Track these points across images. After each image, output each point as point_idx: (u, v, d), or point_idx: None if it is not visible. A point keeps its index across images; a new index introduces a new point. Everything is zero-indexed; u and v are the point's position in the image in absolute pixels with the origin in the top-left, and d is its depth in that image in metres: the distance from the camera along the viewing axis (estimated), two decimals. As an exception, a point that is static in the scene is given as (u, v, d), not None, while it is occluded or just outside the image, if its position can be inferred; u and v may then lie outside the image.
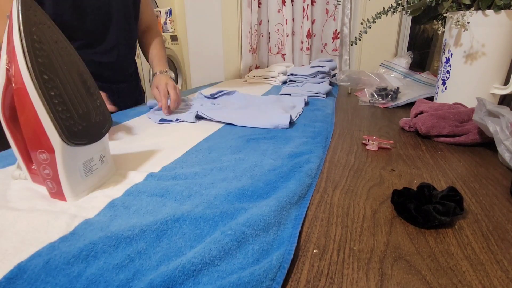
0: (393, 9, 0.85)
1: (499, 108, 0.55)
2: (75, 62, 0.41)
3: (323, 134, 0.68)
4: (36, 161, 0.39)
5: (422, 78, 1.23)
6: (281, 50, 1.98)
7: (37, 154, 0.38)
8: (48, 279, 0.27)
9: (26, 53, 0.34)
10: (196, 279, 0.27)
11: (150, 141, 0.64)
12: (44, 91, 0.35)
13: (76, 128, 0.38)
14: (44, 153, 0.38)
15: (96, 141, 0.42)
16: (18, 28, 0.34)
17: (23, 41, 0.34)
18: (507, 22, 0.71)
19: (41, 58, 0.35)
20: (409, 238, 0.34)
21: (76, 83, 0.40)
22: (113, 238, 0.31)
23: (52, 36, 0.38)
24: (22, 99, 0.35)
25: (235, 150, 0.58)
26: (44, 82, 0.35)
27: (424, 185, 0.40)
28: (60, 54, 0.38)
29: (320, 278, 0.29)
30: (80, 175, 0.41)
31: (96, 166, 0.43)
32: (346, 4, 1.77)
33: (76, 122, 0.39)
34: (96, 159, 0.43)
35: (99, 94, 0.45)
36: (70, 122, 0.38)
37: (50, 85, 0.36)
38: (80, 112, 0.40)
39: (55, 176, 0.39)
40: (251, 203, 0.39)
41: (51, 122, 0.36)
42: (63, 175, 0.38)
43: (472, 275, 0.29)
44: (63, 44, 0.39)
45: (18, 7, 0.34)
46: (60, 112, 0.37)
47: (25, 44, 0.34)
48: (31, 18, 0.35)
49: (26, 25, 0.34)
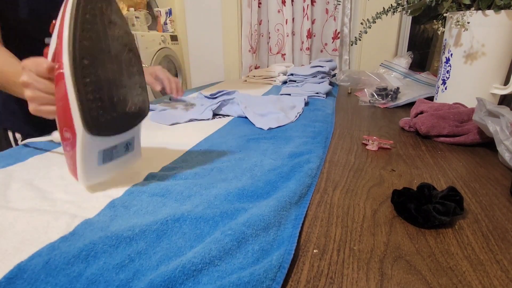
0: (393, 9, 0.85)
1: (499, 108, 0.55)
2: (125, 46, 0.38)
3: (323, 134, 0.68)
4: (61, 136, 0.39)
5: (422, 78, 1.23)
6: (281, 50, 1.98)
7: (63, 131, 0.38)
8: (48, 279, 0.27)
9: (72, 33, 0.32)
10: (196, 279, 0.27)
11: (150, 141, 0.64)
12: (79, 78, 0.34)
13: (103, 118, 0.37)
14: (68, 132, 0.37)
15: (124, 131, 0.40)
16: (71, 5, 0.33)
17: (72, 20, 0.32)
18: (507, 22, 0.71)
19: (87, 40, 0.34)
20: (409, 238, 0.34)
21: (121, 67, 0.37)
22: (113, 238, 0.31)
23: (109, 15, 0.35)
24: (58, 78, 0.35)
25: (235, 150, 0.58)
26: (82, 68, 0.34)
27: (424, 185, 0.40)
28: (112, 37, 0.36)
29: (320, 278, 0.29)
30: (98, 161, 0.40)
31: (118, 154, 0.42)
32: (346, 4, 1.77)
33: (106, 112, 0.37)
34: (120, 146, 0.42)
35: (144, 82, 0.42)
36: (99, 111, 0.36)
37: (88, 71, 0.34)
38: (114, 101, 0.37)
39: (73, 156, 0.39)
40: (251, 203, 0.39)
41: (78, 110, 0.35)
42: (80, 158, 0.38)
43: (472, 275, 0.29)
44: (119, 25, 0.37)
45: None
46: (91, 101, 0.35)
47: (72, 24, 0.32)
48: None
49: (81, 2, 0.33)
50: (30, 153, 0.56)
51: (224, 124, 0.76)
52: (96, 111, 0.36)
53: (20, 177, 0.46)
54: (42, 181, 0.45)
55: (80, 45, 0.33)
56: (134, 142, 0.45)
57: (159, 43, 1.99)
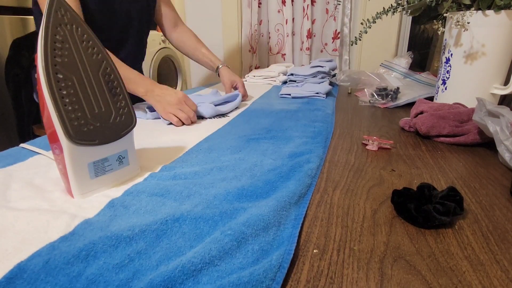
0: (393, 9, 0.85)
1: (499, 108, 0.55)
2: (102, 62, 0.41)
3: (323, 134, 0.68)
4: (53, 154, 0.41)
5: (422, 78, 1.22)
6: (281, 50, 1.98)
7: (53, 148, 0.40)
8: (48, 278, 0.27)
9: (43, 52, 0.36)
10: (196, 279, 0.27)
11: (150, 141, 0.64)
12: (54, 89, 0.36)
13: (86, 128, 0.39)
14: (57, 148, 0.39)
15: (110, 142, 0.42)
16: (42, 27, 0.36)
17: (43, 40, 0.36)
18: (507, 22, 0.71)
19: (60, 57, 0.37)
20: (409, 238, 0.34)
21: (97, 82, 0.41)
22: (113, 238, 0.31)
23: (81, 36, 0.39)
24: (41, 95, 0.37)
25: (235, 150, 0.58)
26: (57, 81, 0.37)
27: (424, 185, 0.40)
28: (86, 54, 0.39)
29: (320, 278, 0.29)
30: (90, 174, 0.41)
31: (111, 167, 0.43)
32: (346, 4, 1.77)
33: (87, 122, 0.39)
34: (112, 159, 0.43)
35: (126, 96, 0.44)
36: (80, 121, 0.39)
37: (64, 84, 0.37)
38: (95, 112, 0.40)
39: (65, 172, 0.40)
40: (250, 203, 0.39)
41: (58, 121, 0.37)
42: (71, 172, 0.39)
43: (472, 275, 0.29)
44: (92, 45, 0.40)
45: (47, 7, 0.36)
46: (69, 111, 0.38)
47: (43, 43, 0.36)
48: (58, 18, 0.37)
49: (50, 24, 0.36)
50: (30, 153, 0.56)
51: (224, 124, 0.76)
52: (77, 121, 0.38)
53: (20, 177, 0.46)
54: (42, 181, 0.45)
55: (53, 61, 0.36)
56: (128, 156, 0.46)
57: (159, 43, 1.99)
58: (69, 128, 0.37)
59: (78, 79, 0.39)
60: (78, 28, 0.39)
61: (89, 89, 0.40)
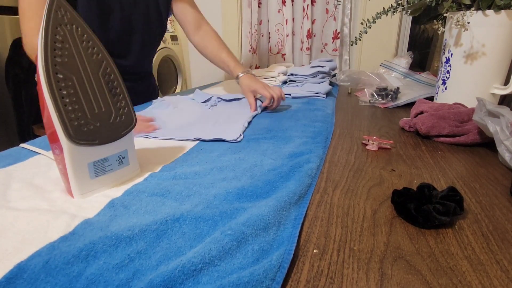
0: (393, 9, 0.85)
1: (499, 108, 0.55)
2: (101, 62, 0.41)
3: (323, 134, 0.68)
4: (53, 154, 0.41)
5: (422, 78, 1.23)
6: (281, 50, 1.98)
7: (53, 148, 0.40)
8: (48, 278, 0.27)
9: (43, 51, 0.36)
10: (196, 279, 0.27)
11: (149, 141, 0.64)
12: (53, 89, 0.36)
13: (85, 128, 0.39)
14: (57, 148, 0.39)
15: (110, 142, 0.42)
16: (42, 27, 0.36)
17: (43, 40, 0.36)
18: (507, 22, 0.71)
19: (60, 57, 0.37)
20: (409, 238, 0.34)
21: (97, 82, 0.41)
22: (113, 238, 0.31)
23: (81, 36, 0.39)
24: (41, 95, 0.37)
25: (235, 150, 0.58)
26: (57, 81, 0.37)
27: (424, 185, 0.40)
28: (86, 54, 0.40)
29: (320, 278, 0.29)
30: (90, 174, 0.41)
31: (111, 167, 0.43)
32: (346, 4, 1.77)
33: (87, 122, 0.39)
34: (112, 159, 0.43)
35: (126, 96, 0.45)
36: (80, 121, 0.39)
37: (64, 84, 0.37)
38: (95, 112, 0.40)
39: (65, 172, 0.40)
40: (250, 203, 0.39)
41: (58, 120, 0.37)
42: (71, 172, 0.40)
43: (472, 275, 0.29)
44: (92, 45, 0.40)
45: (47, 7, 0.36)
46: (69, 111, 0.38)
47: (43, 43, 0.36)
48: (57, 18, 0.37)
49: (49, 24, 0.36)
50: (30, 153, 0.56)
51: (224, 124, 0.76)
52: (77, 121, 0.38)
53: (20, 177, 0.46)
54: (42, 181, 0.45)
55: (53, 61, 0.36)
56: (128, 156, 0.46)
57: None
58: (69, 128, 0.38)
59: (78, 79, 0.39)
60: (78, 28, 0.39)
61: (89, 89, 0.40)
